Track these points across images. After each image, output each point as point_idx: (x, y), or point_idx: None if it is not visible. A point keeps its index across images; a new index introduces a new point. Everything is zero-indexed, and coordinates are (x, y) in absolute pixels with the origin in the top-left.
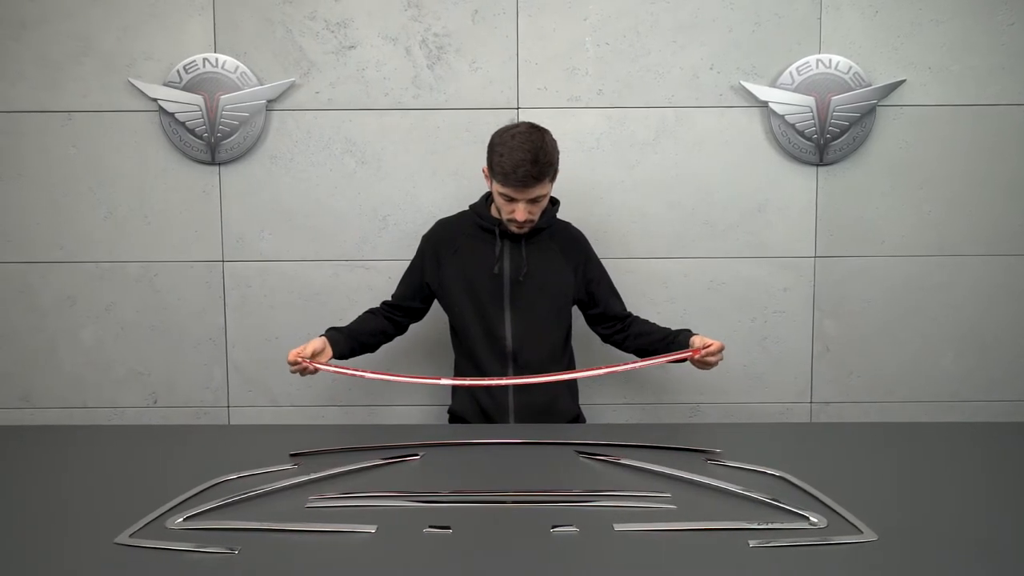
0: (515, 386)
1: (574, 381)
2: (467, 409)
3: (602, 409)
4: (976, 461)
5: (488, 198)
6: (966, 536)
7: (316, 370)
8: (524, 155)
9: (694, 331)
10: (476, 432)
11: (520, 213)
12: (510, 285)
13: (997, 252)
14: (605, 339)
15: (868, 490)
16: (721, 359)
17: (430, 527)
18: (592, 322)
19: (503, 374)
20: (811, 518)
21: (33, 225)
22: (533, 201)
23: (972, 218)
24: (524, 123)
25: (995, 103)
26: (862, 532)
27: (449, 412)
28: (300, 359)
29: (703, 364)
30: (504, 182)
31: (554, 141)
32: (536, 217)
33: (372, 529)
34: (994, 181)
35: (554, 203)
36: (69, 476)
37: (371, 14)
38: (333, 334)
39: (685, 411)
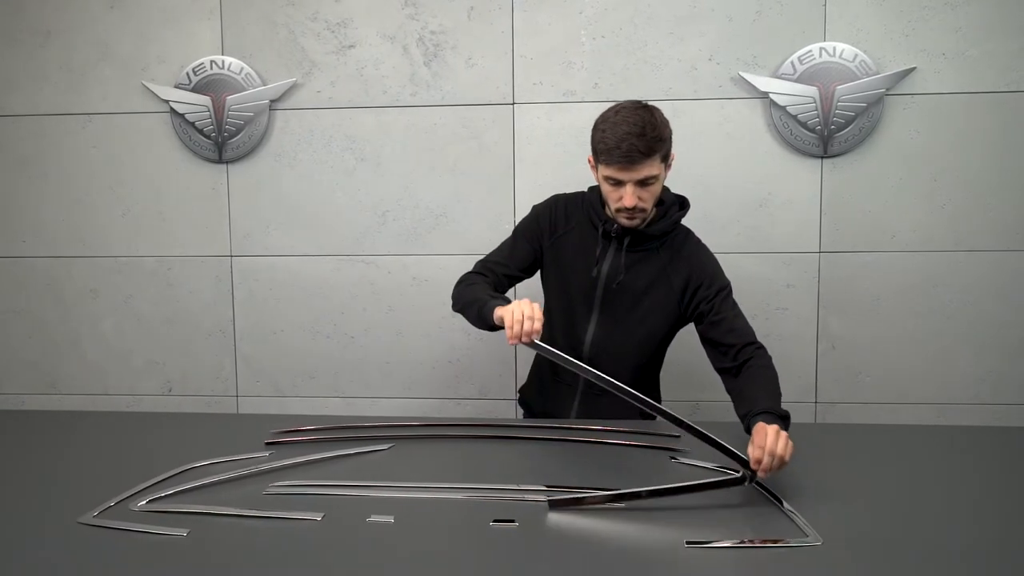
0: (581, 390)
1: (652, 392)
2: (535, 401)
3: None
4: (956, 468)
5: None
6: (913, 546)
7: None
8: (629, 128)
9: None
10: (456, 426)
11: (628, 198)
12: (603, 291)
13: (1019, 247)
14: (712, 363)
15: (833, 494)
16: (785, 451)
17: (373, 516)
18: (703, 344)
19: (576, 379)
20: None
21: (58, 222)
22: (642, 184)
23: (991, 211)
24: (631, 100)
25: (1016, 89)
26: (807, 536)
27: (520, 392)
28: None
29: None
30: (608, 160)
31: (666, 120)
32: (648, 205)
33: (318, 517)
34: (1015, 172)
35: (683, 205)
36: (60, 457)
37: (370, 13)
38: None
39: (685, 409)
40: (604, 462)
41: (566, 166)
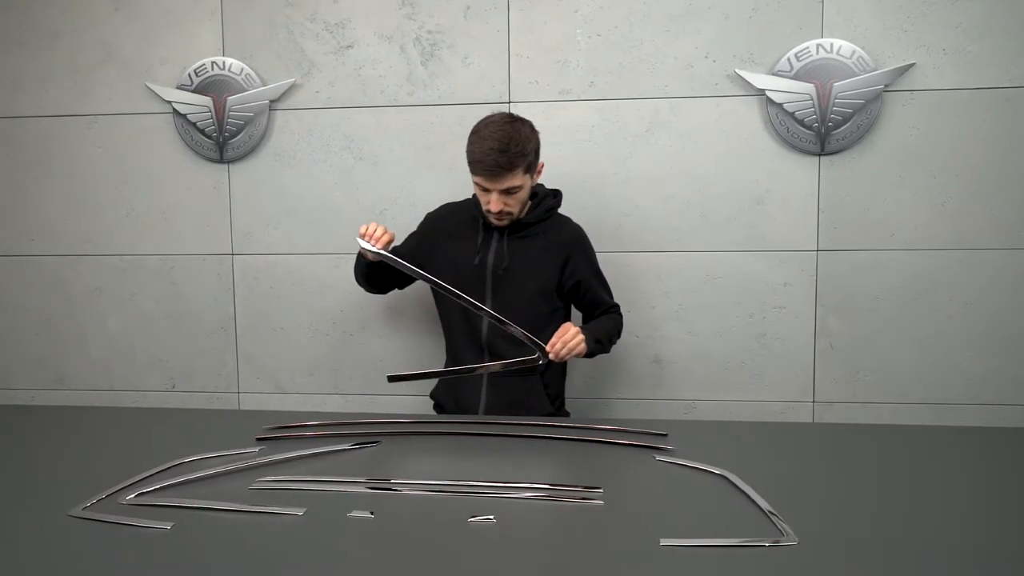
0: (488, 380)
1: (557, 378)
2: (445, 398)
3: (595, 403)
4: (955, 468)
5: None
6: (911, 547)
7: (374, 255)
8: (493, 144)
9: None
10: (446, 423)
11: (494, 204)
12: (491, 278)
13: (1020, 246)
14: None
15: (825, 495)
16: (575, 344)
17: (354, 512)
18: (578, 309)
19: (479, 363)
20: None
21: (64, 221)
22: (507, 192)
23: (992, 209)
24: (502, 113)
25: (1017, 85)
26: (783, 535)
27: (431, 396)
28: (371, 238)
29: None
30: (474, 170)
31: (533, 132)
32: (514, 210)
33: (300, 512)
34: (1016, 169)
35: (556, 195)
36: (58, 452)
37: (368, 13)
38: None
39: (680, 408)
40: (590, 460)
41: (562, 164)
